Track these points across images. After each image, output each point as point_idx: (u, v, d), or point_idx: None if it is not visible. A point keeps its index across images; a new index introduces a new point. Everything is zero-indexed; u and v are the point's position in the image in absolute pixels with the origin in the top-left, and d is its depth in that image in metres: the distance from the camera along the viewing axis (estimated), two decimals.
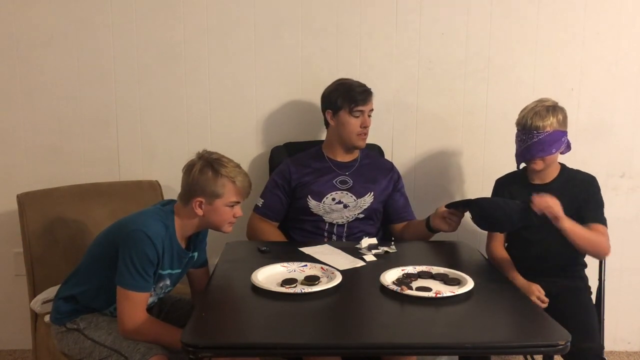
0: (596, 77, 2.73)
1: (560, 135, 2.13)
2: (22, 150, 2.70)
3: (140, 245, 1.73)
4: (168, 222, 1.82)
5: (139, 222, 1.78)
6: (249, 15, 2.66)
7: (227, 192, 1.81)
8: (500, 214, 2.03)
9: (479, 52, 2.71)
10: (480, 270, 1.94)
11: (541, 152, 2.12)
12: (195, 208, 1.80)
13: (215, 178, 1.79)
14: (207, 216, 1.82)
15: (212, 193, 1.79)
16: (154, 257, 1.75)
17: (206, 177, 1.79)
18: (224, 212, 1.83)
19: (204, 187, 1.79)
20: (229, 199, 1.82)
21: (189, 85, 2.69)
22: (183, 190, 1.84)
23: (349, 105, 2.30)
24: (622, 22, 2.70)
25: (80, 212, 2.36)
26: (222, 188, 1.80)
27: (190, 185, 1.80)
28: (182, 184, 1.85)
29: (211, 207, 1.81)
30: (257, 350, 1.48)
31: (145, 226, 1.75)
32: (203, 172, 1.79)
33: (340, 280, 1.74)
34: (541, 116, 2.12)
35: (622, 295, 2.86)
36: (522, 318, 1.60)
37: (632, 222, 2.83)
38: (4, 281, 2.75)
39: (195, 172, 1.79)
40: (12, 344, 2.81)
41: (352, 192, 2.35)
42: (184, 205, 1.84)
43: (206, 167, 1.80)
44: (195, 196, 1.80)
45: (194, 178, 1.79)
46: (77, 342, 1.87)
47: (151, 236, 1.74)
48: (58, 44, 2.64)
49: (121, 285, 1.75)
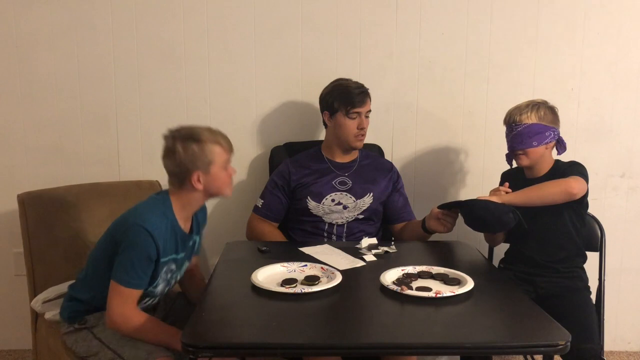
0: (596, 77, 2.73)
1: (541, 128, 2.14)
2: (22, 150, 2.70)
3: (139, 242, 1.73)
4: (166, 209, 1.82)
5: (138, 216, 1.78)
6: (249, 15, 2.66)
7: (217, 155, 1.82)
8: (489, 216, 2.04)
9: (479, 52, 2.71)
10: (480, 270, 1.94)
11: (519, 144, 2.15)
12: (195, 184, 1.80)
13: (201, 148, 1.79)
14: (207, 187, 1.83)
15: (205, 163, 1.80)
16: (153, 253, 1.75)
17: (192, 151, 1.78)
18: (221, 175, 1.84)
19: (195, 161, 1.79)
20: (221, 160, 1.83)
21: (189, 85, 2.70)
22: (174, 174, 1.83)
23: (345, 108, 2.30)
24: (622, 22, 2.70)
25: (80, 212, 2.36)
26: (212, 153, 1.81)
27: (180, 166, 1.79)
28: (168, 169, 1.84)
29: (209, 177, 1.81)
30: (257, 350, 1.48)
31: (144, 221, 1.75)
32: (187, 148, 1.78)
33: (340, 280, 1.74)
34: (520, 110, 2.17)
35: (622, 295, 2.86)
36: (522, 318, 1.59)
37: (632, 222, 2.83)
38: (4, 281, 2.75)
39: (180, 151, 1.78)
40: (12, 344, 2.81)
41: (351, 193, 2.35)
42: (180, 187, 1.83)
43: (187, 142, 1.79)
44: (191, 173, 1.79)
45: (182, 157, 1.78)
46: (85, 341, 1.87)
47: (150, 230, 1.73)
48: (58, 44, 2.64)
49: (115, 279, 1.75)
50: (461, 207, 2.13)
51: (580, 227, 2.20)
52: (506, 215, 2.02)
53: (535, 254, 2.20)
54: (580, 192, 2.07)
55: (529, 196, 2.08)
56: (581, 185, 2.07)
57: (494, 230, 2.22)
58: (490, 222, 2.07)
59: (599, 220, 2.32)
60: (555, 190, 2.07)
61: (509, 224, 2.04)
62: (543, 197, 2.08)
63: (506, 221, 2.03)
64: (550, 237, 2.18)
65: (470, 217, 2.10)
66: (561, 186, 2.06)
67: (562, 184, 2.07)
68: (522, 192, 2.09)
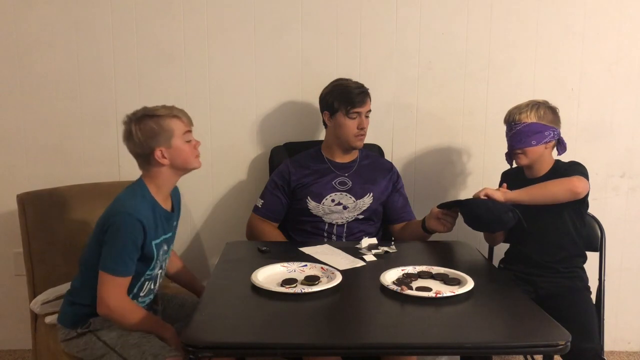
0: (596, 77, 2.73)
1: (541, 128, 2.14)
2: (22, 150, 2.70)
3: (123, 228, 1.74)
4: (144, 192, 1.84)
5: (119, 206, 1.79)
6: (249, 15, 2.66)
7: (176, 127, 1.83)
8: (489, 215, 2.04)
9: (479, 52, 2.71)
10: (480, 270, 1.94)
11: (518, 142, 2.15)
12: (161, 159, 1.81)
13: (157, 122, 1.81)
14: (173, 161, 1.84)
15: (164, 137, 1.81)
16: (139, 238, 1.76)
17: (150, 127, 1.80)
18: (184, 147, 1.84)
19: (154, 137, 1.80)
20: (181, 132, 1.84)
21: (189, 85, 2.69)
22: (138, 155, 1.85)
23: (345, 108, 2.30)
24: (622, 22, 2.70)
25: (80, 212, 2.36)
26: (169, 127, 1.82)
27: (142, 145, 1.81)
28: (132, 152, 1.85)
29: (172, 150, 1.82)
30: (257, 350, 1.48)
31: (127, 207, 1.76)
32: (144, 126, 1.80)
33: (340, 280, 1.74)
34: (520, 109, 2.17)
35: (622, 295, 2.86)
36: (522, 318, 1.59)
37: (632, 222, 2.83)
38: (4, 281, 2.75)
39: (137, 131, 1.80)
40: (12, 344, 2.81)
41: (351, 194, 2.35)
42: (148, 168, 1.85)
43: (143, 121, 1.81)
44: (154, 150, 1.80)
45: (140, 136, 1.80)
46: (88, 345, 1.86)
47: (135, 214, 1.75)
48: (58, 44, 2.64)
49: (103, 269, 1.76)
50: (461, 206, 2.13)
51: (580, 227, 2.19)
52: (506, 214, 2.02)
53: (535, 254, 2.20)
54: (584, 191, 2.07)
55: (532, 194, 2.08)
56: (585, 184, 2.06)
57: (494, 229, 2.23)
58: (490, 221, 2.07)
59: (599, 220, 2.32)
60: (559, 189, 2.06)
61: (508, 223, 2.05)
62: (547, 196, 2.08)
63: (506, 220, 2.04)
64: (550, 237, 2.18)
65: (470, 216, 2.10)
66: (565, 185, 2.06)
67: (566, 182, 2.06)
68: (526, 190, 2.09)
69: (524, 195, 2.08)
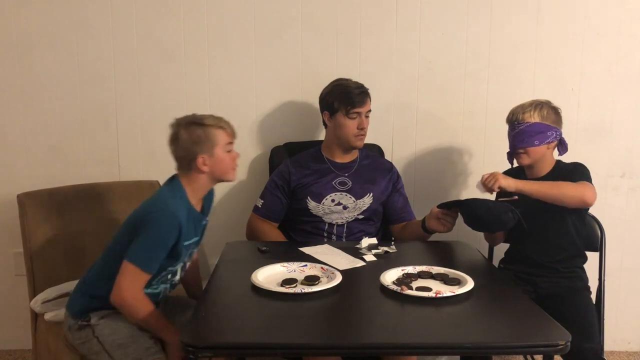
0: (596, 77, 2.73)
1: (543, 128, 2.14)
2: (22, 150, 2.70)
3: (162, 225, 1.78)
4: (181, 194, 1.89)
5: (160, 202, 1.85)
6: (249, 15, 2.66)
7: (220, 138, 1.89)
8: (489, 215, 2.04)
9: (479, 52, 2.71)
10: (480, 270, 1.94)
11: (521, 142, 2.15)
12: (201, 166, 1.87)
13: (204, 131, 1.87)
14: (212, 170, 1.90)
15: (209, 146, 1.87)
16: (172, 238, 1.79)
17: (197, 134, 1.86)
18: (225, 158, 1.91)
19: (199, 144, 1.86)
20: (224, 143, 1.90)
21: (189, 85, 2.69)
22: (180, 159, 1.90)
23: (346, 108, 2.30)
24: (622, 22, 2.70)
25: (80, 212, 2.36)
26: (215, 137, 1.88)
27: (186, 150, 1.87)
28: (175, 155, 1.91)
29: (213, 159, 1.88)
30: (257, 350, 1.48)
31: (168, 205, 1.82)
32: (192, 133, 1.87)
33: (340, 280, 1.74)
34: (523, 109, 2.17)
35: (622, 295, 2.86)
36: (522, 318, 1.59)
37: (632, 222, 2.83)
38: (4, 281, 2.75)
39: (184, 136, 1.87)
40: (12, 344, 2.81)
41: (351, 194, 2.35)
42: (188, 172, 1.90)
43: (191, 127, 1.87)
44: (196, 156, 1.86)
45: (186, 142, 1.86)
46: (87, 339, 1.88)
47: (177, 214, 1.80)
48: (58, 44, 2.64)
49: (129, 259, 1.77)
50: (461, 206, 2.13)
51: (580, 227, 2.20)
52: (505, 214, 2.02)
53: (535, 254, 2.20)
54: (593, 202, 2.09)
55: (542, 189, 2.07)
56: (594, 195, 2.08)
57: (494, 229, 2.23)
58: (490, 221, 2.07)
59: (599, 220, 2.32)
60: (572, 194, 2.06)
61: (508, 223, 2.04)
62: (556, 196, 2.07)
63: (506, 221, 2.03)
64: (550, 238, 2.18)
65: (470, 216, 2.10)
66: (579, 192, 2.06)
67: (580, 190, 2.06)
68: (538, 183, 2.09)
69: (534, 187, 2.08)
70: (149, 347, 1.82)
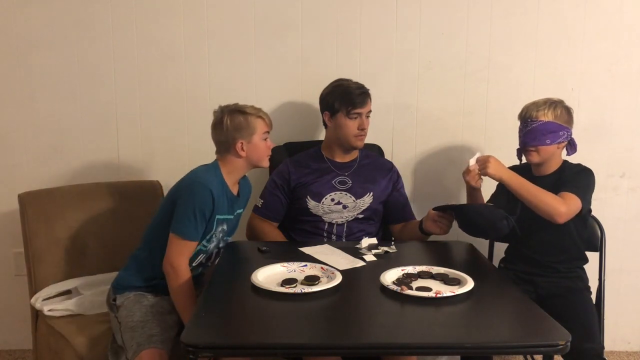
0: (596, 77, 2.73)
1: (556, 127, 2.13)
2: (22, 150, 2.70)
3: (197, 194, 1.94)
4: (217, 172, 2.05)
5: (195, 177, 2.01)
6: (249, 15, 2.66)
7: (259, 126, 2.06)
8: (483, 222, 2.04)
9: (479, 52, 2.71)
10: (480, 270, 1.94)
11: (533, 140, 2.14)
12: (239, 151, 2.04)
13: (246, 119, 2.05)
14: (249, 155, 2.06)
15: (248, 132, 2.04)
16: (208, 208, 1.95)
17: (238, 121, 2.04)
18: (261, 145, 2.07)
19: (239, 129, 2.03)
20: (262, 131, 2.07)
21: (189, 85, 2.69)
22: (221, 143, 2.07)
23: (346, 108, 2.30)
24: (622, 22, 2.70)
25: (80, 212, 2.36)
26: (254, 124, 2.05)
27: (227, 134, 2.04)
28: (216, 139, 2.08)
29: (251, 145, 2.05)
30: (257, 350, 1.48)
31: (200, 177, 1.99)
32: (234, 119, 2.04)
33: (340, 280, 1.74)
34: (537, 106, 2.16)
35: (622, 295, 2.86)
36: (522, 318, 1.60)
37: (632, 222, 2.83)
38: (4, 281, 2.75)
39: (227, 121, 2.04)
40: (12, 344, 2.81)
41: (351, 193, 2.35)
42: (226, 156, 2.06)
43: (234, 114, 2.05)
44: (236, 141, 2.03)
45: (229, 127, 2.03)
46: (112, 318, 2.01)
47: (208, 184, 1.95)
48: (58, 44, 2.64)
49: (173, 231, 1.94)
50: (456, 211, 2.13)
51: (581, 230, 2.19)
52: (500, 221, 2.02)
53: (536, 254, 2.20)
54: (563, 220, 2.06)
55: (523, 187, 2.07)
56: (570, 213, 2.05)
57: (488, 236, 2.22)
58: (484, 227, 2.07)
59: (599, 220, 2.32)
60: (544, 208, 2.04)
61: (502, 230, 2.05)
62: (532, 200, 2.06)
63: (500, 228, 2.04)
64: (551, 238, 2.17)
65: (465, 221, 2.11)
66: (553, 208, 2.04)
67: (555, 206, 2.04)
68: (521, 180, 2.08)
69: (516, 182, 2.08)
70: (153, 334, 1.86)
